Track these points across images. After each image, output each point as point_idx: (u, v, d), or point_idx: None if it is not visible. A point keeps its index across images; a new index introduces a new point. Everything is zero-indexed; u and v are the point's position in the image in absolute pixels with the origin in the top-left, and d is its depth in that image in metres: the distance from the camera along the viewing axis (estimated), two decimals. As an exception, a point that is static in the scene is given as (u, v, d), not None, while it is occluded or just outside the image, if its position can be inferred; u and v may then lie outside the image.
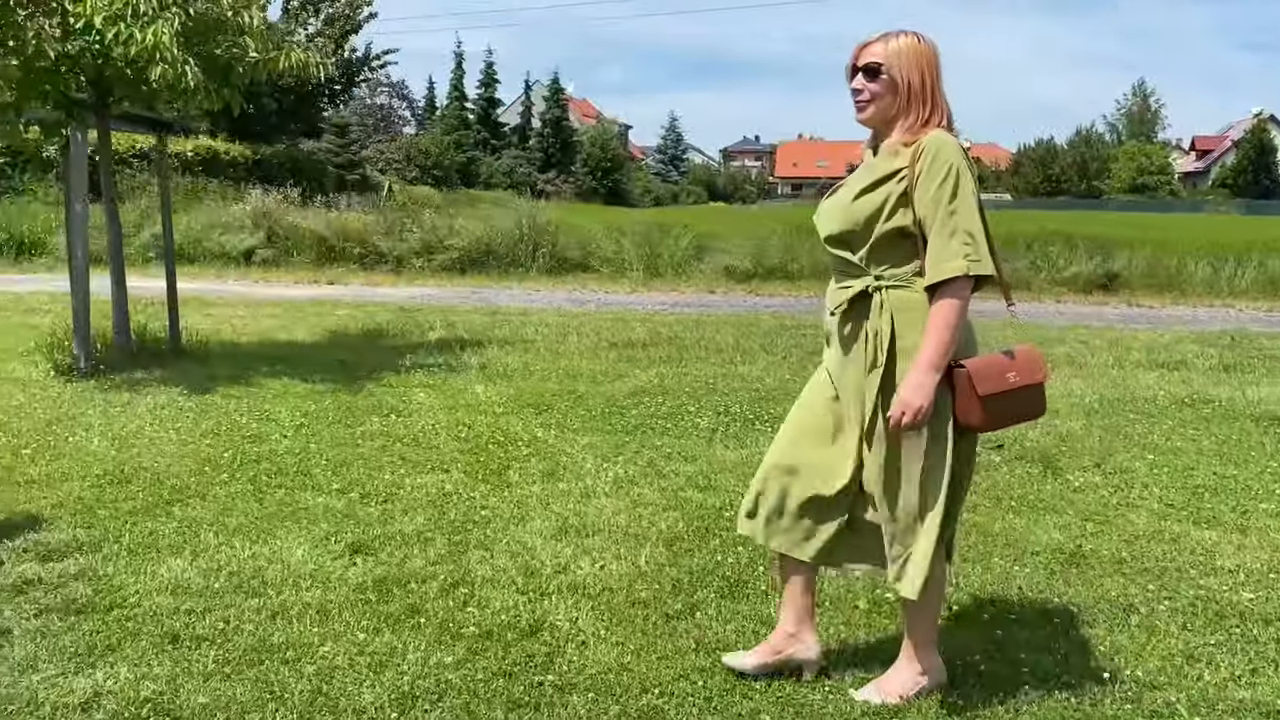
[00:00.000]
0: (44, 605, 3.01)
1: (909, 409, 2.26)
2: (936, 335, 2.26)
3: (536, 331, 8.50)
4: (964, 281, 2.26)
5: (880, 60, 2.36)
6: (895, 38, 2.38)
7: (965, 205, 2.26)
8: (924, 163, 2.28)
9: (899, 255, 2.35)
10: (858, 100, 2.40)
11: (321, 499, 4.02)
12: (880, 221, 2.33)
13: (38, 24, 5.30)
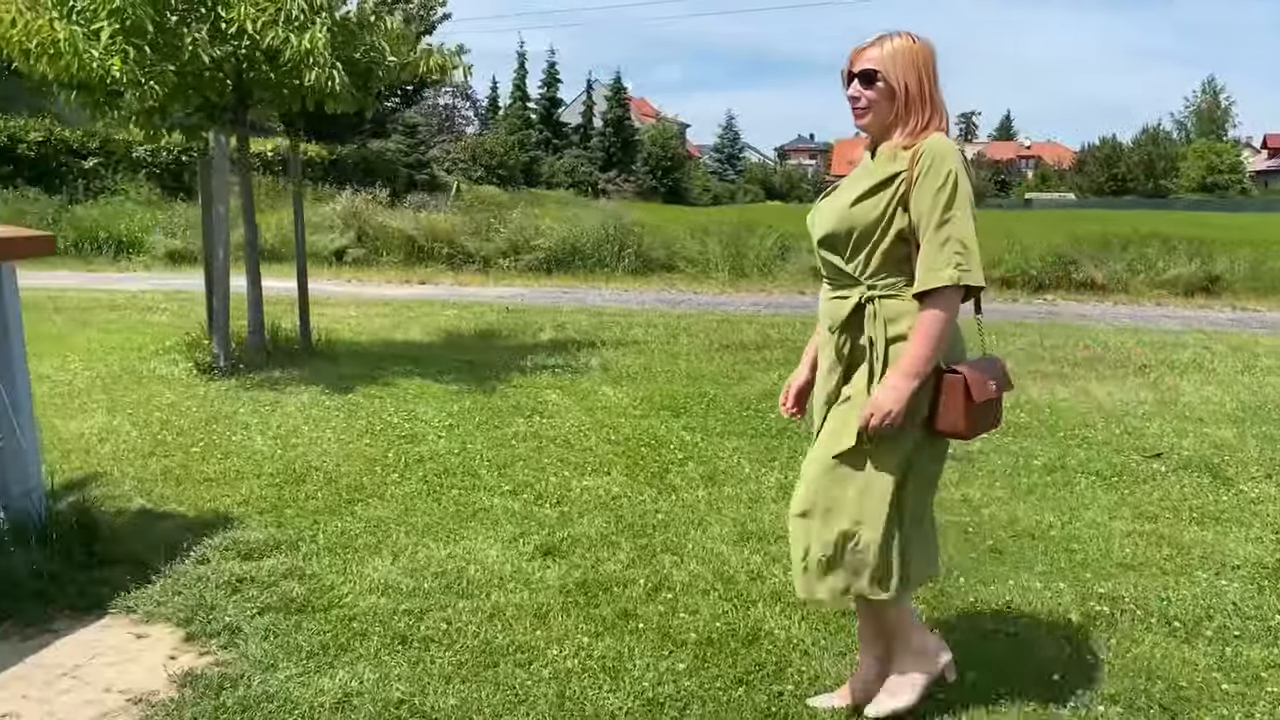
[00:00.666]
0: (263, 603, 3.08)
1: (880, 411, 2.21)
2: (921, 344, 2.20)
3: (646, 333, 8.51)
4: (953, 291, 2.21)
5: (876, 66, 2.29)
6: (890, 40, 2.32)
7: (960, 214, 2.20)
8: (922, 167, 2.22)
9: (892, 263, 2.28)
10: (856, 108, 2.34)
11: (497, 500, 4.06)
12: (877, 227, 2.26)
13: (194, 30, 5.42)
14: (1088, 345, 8.41)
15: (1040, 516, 4.02)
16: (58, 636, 2.92)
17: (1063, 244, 13.74)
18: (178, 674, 2.67)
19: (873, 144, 2.38)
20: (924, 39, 2.34)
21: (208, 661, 2.75)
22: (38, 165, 16.71)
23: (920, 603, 3.14)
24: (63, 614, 3.05)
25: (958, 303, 2.23)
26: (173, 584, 3.22)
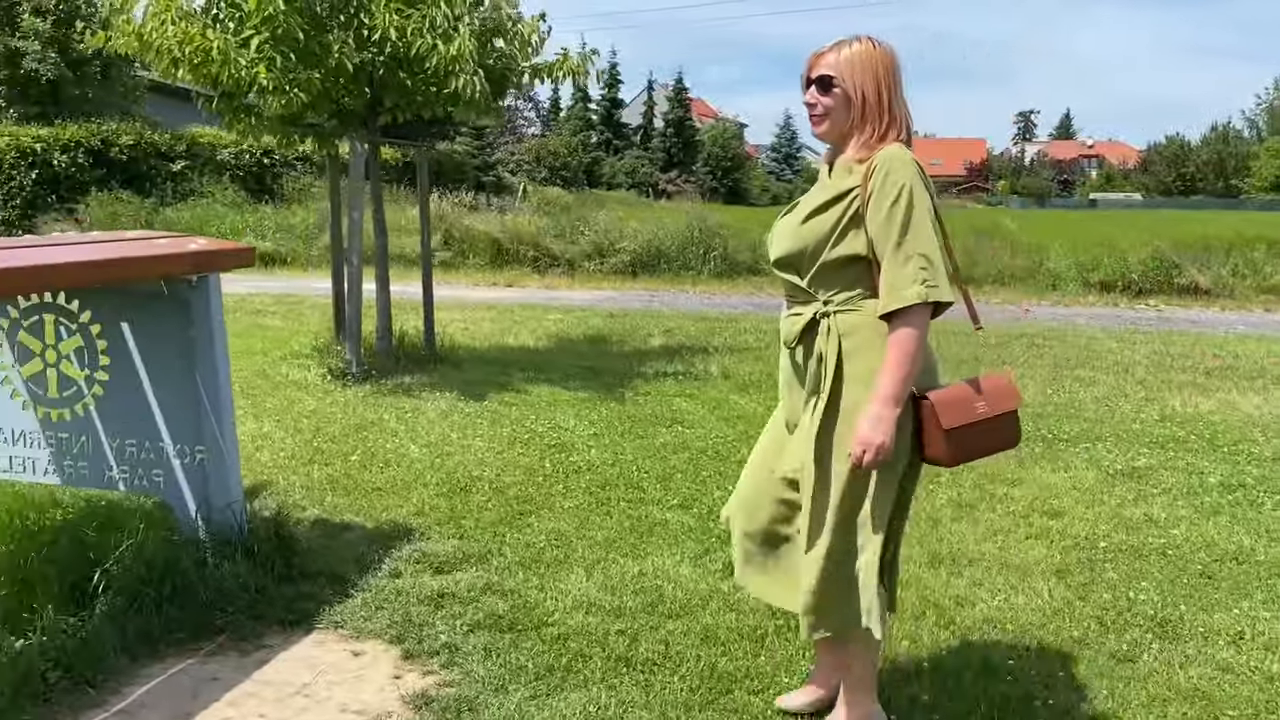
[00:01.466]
0: (471, 621, 3.03)
1: (870, 446, 2.10)
2: (895, 368, 2.10)
3: (756, 339, 8.41)
4: (921, 309, 2.09)
5: (833, 71, 2.20)
6: (848, 45, 2.22)
7: (920, 227, 2.09)
8: (875, 181, 2.12)
9: (848, 279, 2.19)
10: (812, 114, 2.25)
11: (670, 515, 3.99)
12: (830, 244, 2.17)
13: (341, 37, 5.44)
14: (1216, 354, 8.13)
15: (1237, 539, 3.85)
16: (274, 652, 2.90)
17: (1163, 247, 13.36)
18: (409, 695, 2.63)
19: (832, 155, 2.30)
20: (885, 45, 2.25)
21: (433, 682, 2.71)
22: (129, 168, 17.08)
23: (1148, 629, 3.01)
24: (272, 629, 3.03)
25: (927, 321, 2.12)
26: (373, 598, 3.19)
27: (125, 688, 2.66)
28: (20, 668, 2.54)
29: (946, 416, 2.14)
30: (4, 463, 3.48)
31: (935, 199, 2.18)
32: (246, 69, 5.31)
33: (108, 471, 3.41)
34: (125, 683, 2.69)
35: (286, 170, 20.26)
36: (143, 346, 3.32)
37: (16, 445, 3.46)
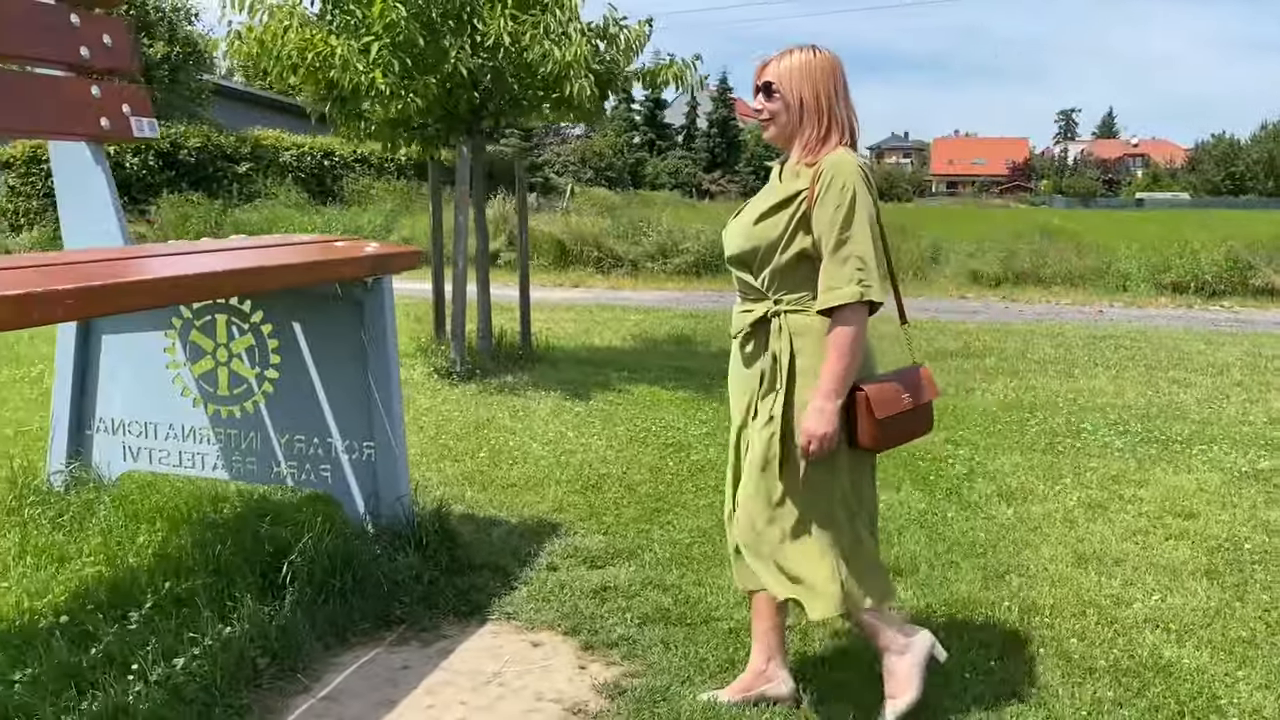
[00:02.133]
0: (641, 614, 3.11)
1: (814, 437, 2.27)
2: (834, 362, 2.26)
3: (840, 339, 8.43)
4: (857, 307, 2.25)
5: (773, 79, 2.36)
6: (789, 55, 2.37)
7: (859, 229, 2.24)
8: (821, 185, 2.26)
9: (798, 279, 2.33)
10: (760, 120, 2.42)
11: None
12: (780, 245, 2.31)
13: (458, 42, 5.55)
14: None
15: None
16: (454, 641, 3.00)
17: (1237, 247, 13.17)
18: (600, 684, 2.71)
19: (784, 160, 2.43)
20: (826, 52, 2.39)
21: (619, 673, 2.78)
22: (196, 170, 17.43)
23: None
24: (447, 619, 3.13)
25: (864, 318, 2.28)
26: (537, 591, 3.28)
27: (324, 675, 2.77)
28: (233, 653, 2.65)
29: (880, 408, 2.31)
30: (175, 458, 3.62)
31: (878, 203, 2.35)
32: (364, 74, 5.43)
33: (275, 467, 3.53)
34: (322, 670, 2.79)
35: (346, 172, 20.57)
36: (314, 345, 3.44)
37: (187, 441, 3.59)
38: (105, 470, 3.67)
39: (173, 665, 2.56)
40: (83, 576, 3.02)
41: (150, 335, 3.57)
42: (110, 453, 3.67)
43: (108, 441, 3.67)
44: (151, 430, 3.62)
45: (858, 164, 2.29)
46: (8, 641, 2.62)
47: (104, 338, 3.66)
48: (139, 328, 3.59)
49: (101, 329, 3.66)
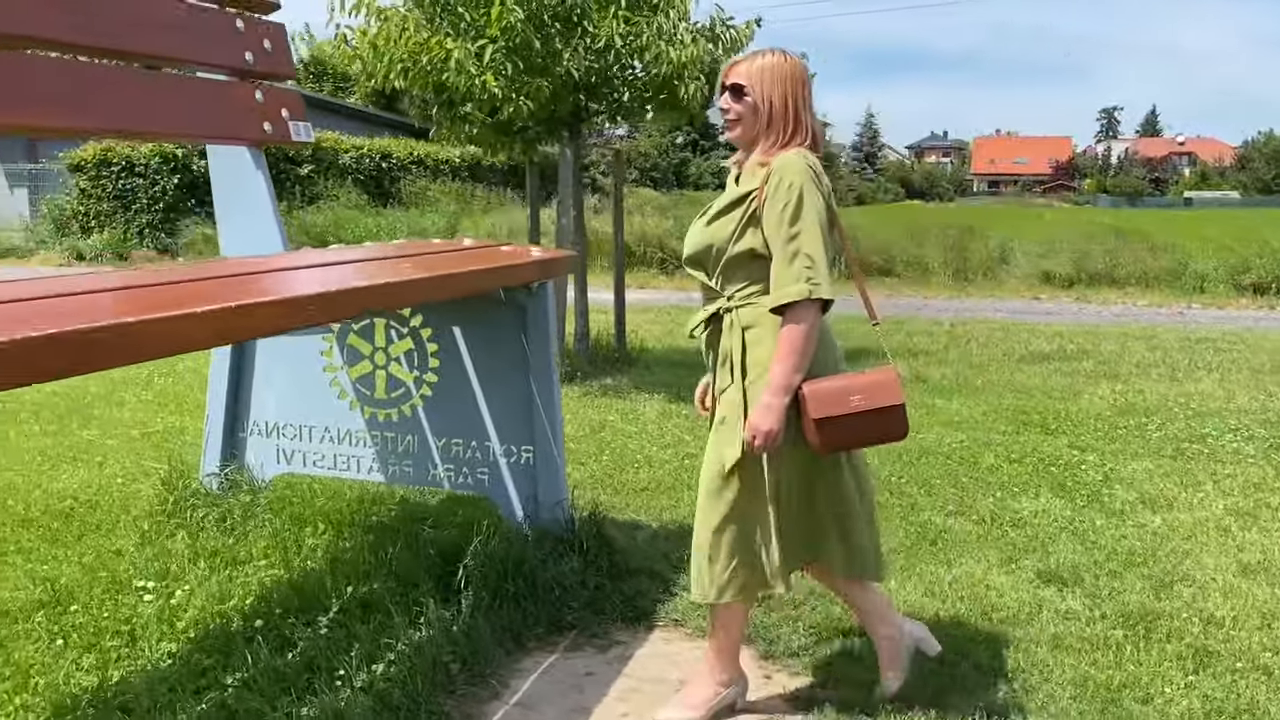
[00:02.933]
0: (811, 622, 3.06)
1: (758, 432, 2.27)
2: (783, 359, 2.26)
3: (928, 341, 8.34)
4: (807, 304, 2.25)
5: (744, 80, 2.36)
6: (760, 56, 2.39)
7: (807, 228, 2.26)
8: (770, 185, 2.29)
9: (748, 275, 2.36)
10: (726, 119, 2.41)
11: (949, 521, 3.98)
12: (730, 243, 2.34)
13: (572, 44, 5.55)
14: None
15: None
16: (628, 648, 2.98)
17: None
18: (792, 694, 2.68)
19: (743, 160, 2.45)
20: (795, 58, 2.43)
21: (806, 683, 2.75)
22: (260, 173, 17.60)
23: None
24: (616, 625, 3.11)
25: (814, 316, 2.28)
26: (699, 598, 3.25)
27: (510, 681, 2.76)
28: (427, 658, 2.65)
29: (817, 407, 2.28)
30: (329, 461, 3.63)
31: (830, 202, 2.37)
32: (477, 77, 5.44)
33: (431, 470, 3.53)
34: (508, 676, 2.78)
35: (403, 174, 20.70)
36: (474, 349, 3.44)
37: (342, 444, 3.61)
38: (259, 473, 3.70)
39: (373, 671, 2.57)
40: (261, 580, 3.04)
41: (307, 339, 3.58)
42: (264, 455, 3.70)
43: (261, 444, 3.70)
44: (306, 433, 3.64)
45: (807, 164, 2.31)
46: (207, 645, 2.63)
47: (259, 342, 3.68)
48: (295, 331, 3.61)
49: (257, 332, 3.69)
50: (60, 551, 3.38)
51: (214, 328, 1.82)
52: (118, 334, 1.59)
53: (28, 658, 2.54)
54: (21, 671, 2.46)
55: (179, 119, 3.11)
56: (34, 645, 2.61)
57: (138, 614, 2.75)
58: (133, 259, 16.09)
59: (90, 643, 2.62)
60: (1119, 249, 13.48)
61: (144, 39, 2.98)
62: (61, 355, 1.50)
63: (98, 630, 2.67)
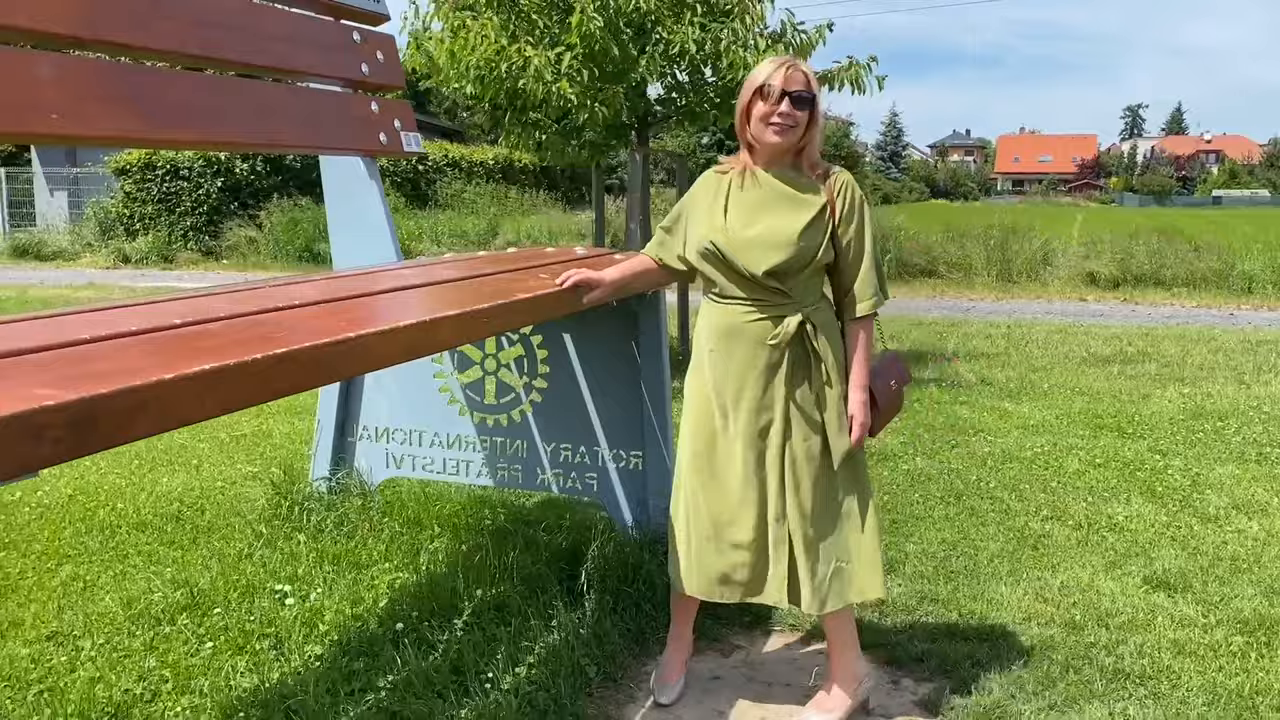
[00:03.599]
0: (929, 628, 3.10)
1: (864, 427, 2.52)
2: (864, 360, 2.53)
3: (989, 344, 8.33)
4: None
5: (815, 92, 2.44)
6: (809, 68, 2.49)
7: (871, 243, 2.51)
8: (845, 200, 2.45)
9: (818, 285, 2.53)
10: (782, 125, 2.41)
11: (1046, 526, 3.99)
12: (815, 255, 2.44)
13: (650, 51, 5.59)
14: None
15: None
16: (750, 652, 3.02)
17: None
18: (924, 700, 2.71)
19: (761, 162, 2.50)
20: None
21: (934, 689, 2.77)
22: (301, 175, 17.77)
23: None
24: (732, 628, 3.15)
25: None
26: (812, 603, 3.28)
27: (640, 684, 2.80)
28: (566, 661, 2.70)
29: (881, 399, 2.58)
30: (438, 465, 3.69)
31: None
32: (553, 84, 5.48)
33: (540, 474, 3.58)
34: (636, 679, 2.82)
35: (439, 176, 20.83)
36: (584, 355, 3.48)
37: (452, 449, 3.66)
38: (367, 476, 3.76)
39: (516, 674, 2.61)
40: (390, 583, 3.10)
41: (417, 345, 3.64)
42: (373, 459, 3.76)
43: (370, 448, 3.76)
44: (416, 438, 3.70)
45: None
46: (351, 648, 2.69)
47: (369, 347, 3.74)
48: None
49: (367, 339, 3.75)
50: (179, 554, 3.45)
51: (403, 344, 1.86)
52: (342, 352, 1.64)
53: (180, 659, 2.61)
54: (180, 673, 2.52)
55: (304, 131, 3.17)
56: (184, 647, 2.68)
57: (280, 617, 2.81)
58: (178, 262, 16.28)
59: (238, 645, 2.68)
60: (1163, 249, 13.38)
61: (270, 52, 3.05)
62: (292, 374, 1.55)
63: (243, 633, 2.73)
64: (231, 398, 1.41)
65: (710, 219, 2.51)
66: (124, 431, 1.23)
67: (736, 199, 2.50)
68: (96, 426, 1.19)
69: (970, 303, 12.00)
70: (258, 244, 16.24)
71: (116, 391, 1.22)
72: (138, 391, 1.24)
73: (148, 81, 2.56)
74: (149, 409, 1.26)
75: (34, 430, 1.11)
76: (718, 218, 2.50)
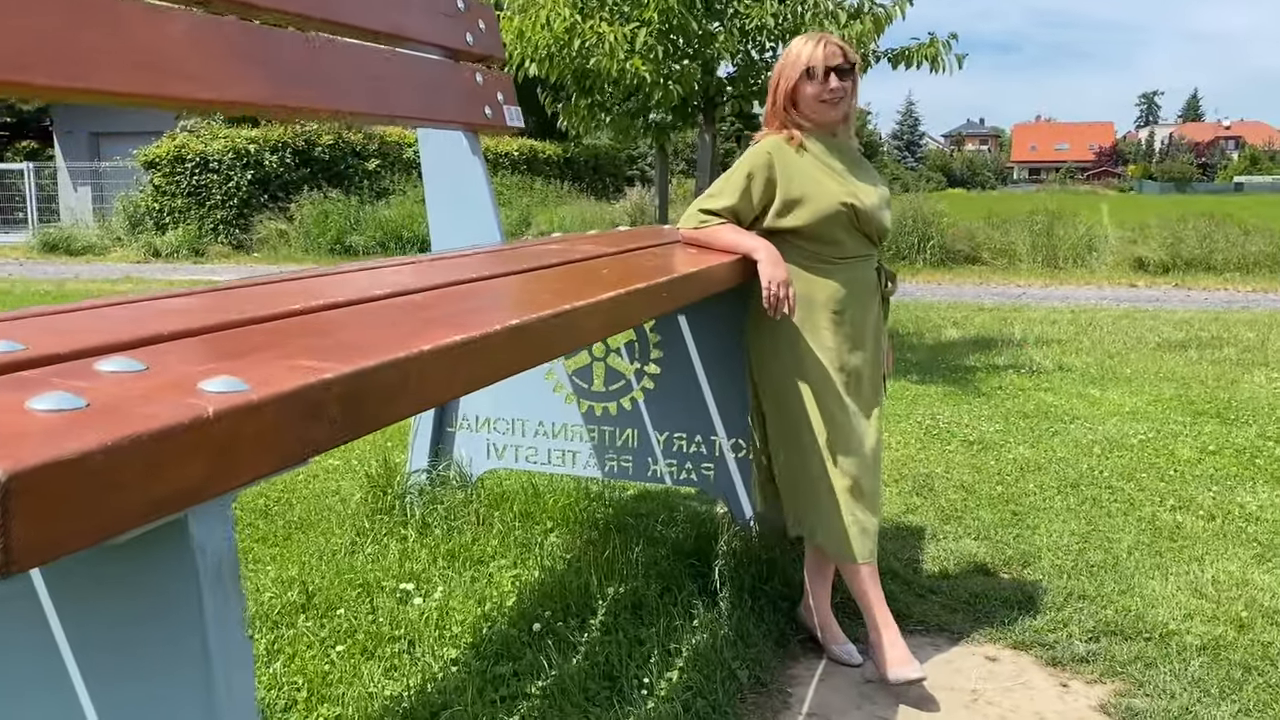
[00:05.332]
0: (1085, 626, 2.90)
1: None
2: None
3: (1055, 330, 8.10)
4: None
5: (853, 60, 2.52)
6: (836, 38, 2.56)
7: None
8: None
9: None
10: (835, 99, 2.50)
11: (1177, 516, 3.78)
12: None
13: (728, 26, 5.39)
14: None
15: None
16: (896, 653, 2.82)
17: None
18: (1103, 705, 2.51)
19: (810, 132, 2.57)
20: None
21: (1109, 691, 2.58)
22: (330, 167, 17.62)
23: None
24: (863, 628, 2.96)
25: None
26: (949, 600, 3.09)
27: (791, 689, 2.61)
28: (717, 664, 2.51)
29: None
30: (543, 455, 3.50)
31: None
32: (625, 61, 5.29)
33: (652, 465, 3.39)
34: (785, 683, 2.64)
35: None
36: (699, 339, 3.28)
37: (557, 439, 3.48)
38: (468, 468, 3.58)
39: (669, 678, 2.43)
40: (513, 580, 2.92)
41: (520, 330, 3.46)
42: (473, 450, 3.58)
43: (470, 439, 3.58)
44: (519, 427, 3.51)
45: None
46: (488, 651, 2.51)
47: (469, 333, 3.57)
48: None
49: (467, 324, 3.57)
50: (276, 551, 3.28)
51: (603, 319, 1.68)
52: (560, 325, 1.45)
53: (308, 664, 2.44)
54: (313, 680, 2.35)
55: (416, 102, 2.98)
56: (309, 652, 2.51)
57: (407, 618, 2.63)
58: (208, 255, 16.15)
59: (368, 648, 2.51)
60: (1213, 233, 13.09)
61: (385, 18, 2.86)
62: (520, 348, 1.36)
63: (371, 635, 2.56)
64: (475, 374, 1.22)
65: (830, 182, 2.54)
66: (389, 410, 1.05)
67: (831, 164, 2.57)
68: (364, 405, 1.01)
69: (1019, 289, 11.74)
70: (288, 236, 16.10)
71: (380, 365, 1.03)
72: (399, 366, 1.06)
73: (274, 45, 2.38)
74: (409, 386, 1.08)
75: (312, 408, 0.93)
76: (840, 181, 2.55)
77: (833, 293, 2.59)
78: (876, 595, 2.64)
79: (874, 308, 2.68)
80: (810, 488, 2.61)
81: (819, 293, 2.58)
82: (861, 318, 2.63)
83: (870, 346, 2.65)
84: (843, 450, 2.58)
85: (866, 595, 2.63)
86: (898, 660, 2.54)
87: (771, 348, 2.65)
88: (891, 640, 2.58)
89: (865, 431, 2.61)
